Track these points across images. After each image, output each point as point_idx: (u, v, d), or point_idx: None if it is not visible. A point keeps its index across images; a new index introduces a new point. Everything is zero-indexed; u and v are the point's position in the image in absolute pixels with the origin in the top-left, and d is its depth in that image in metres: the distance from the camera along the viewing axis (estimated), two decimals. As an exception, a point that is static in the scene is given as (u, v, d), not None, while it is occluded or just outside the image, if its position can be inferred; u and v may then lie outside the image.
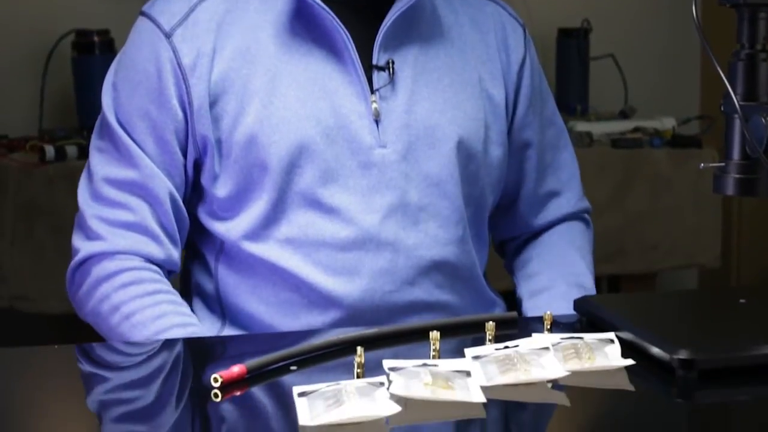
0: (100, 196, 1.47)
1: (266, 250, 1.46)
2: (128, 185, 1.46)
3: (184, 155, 1.47)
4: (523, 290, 1.61)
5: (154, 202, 1.46)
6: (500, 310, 1.59)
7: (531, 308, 1.56)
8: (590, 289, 1.57)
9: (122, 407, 1.16)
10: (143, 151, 1.46)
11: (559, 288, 1.55)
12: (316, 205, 1.44)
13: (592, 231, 1.69)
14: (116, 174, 1.46)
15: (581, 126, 3.15)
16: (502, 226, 1.68)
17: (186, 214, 1.50)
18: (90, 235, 1.47)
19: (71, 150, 2.75)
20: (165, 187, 1.46)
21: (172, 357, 1.32)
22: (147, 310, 1.42)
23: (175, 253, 1.49)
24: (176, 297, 1.46)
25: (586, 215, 1.69)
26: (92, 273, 1.46)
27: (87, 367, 1.29)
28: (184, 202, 1.50)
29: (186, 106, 1.45)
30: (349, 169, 1.44)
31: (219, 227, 1.48)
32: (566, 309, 1.40)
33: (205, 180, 1.47)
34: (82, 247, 1.47)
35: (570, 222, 1.66)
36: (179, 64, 1.44)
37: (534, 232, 1.67)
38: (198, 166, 1.48)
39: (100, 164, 1.48)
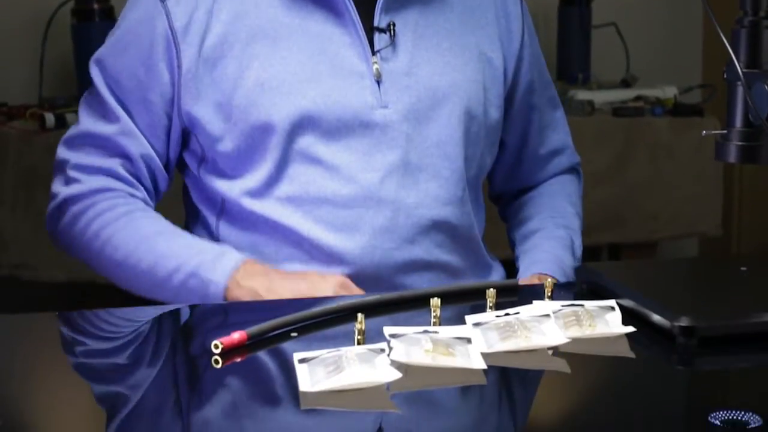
0: (78, 146, 1.51)
1: (267, 207, 1.47)
2: (105, 140, 1.50)
3: (169, 119, 1.48)
4: (516, 234, 1.66)
5: (130, 158, 1.50)
6: (498, 274, 1.62)
7: (523, 251, 1.61)
8: (576, 230, 1.63)
9: (122, 374, 1.16)
10: (126, 111, 1.48)
11: (547, 229, 1.61)
12: (318, 163, 1.45)
13: (582, 181, 1.75)
14: (96, 128, 1.50)
15: (582, 94, 3.14)
16: (503, 184, 1.71)
17: (164, 176, 1.53)
18: (68, 181, 1.52)
19: (71, 117, 2.74)
20: (140, 147, 1.49)
21: (172, 323, 1.33)
22: (125, 230, 1.46)
23: (151, 203, 1.54)
24: (151, 211, 1.50)
25: (578, 167, 1.75)
26: (69, 211, 1.51)
27: (86, 334, 1.29)
28: (175, 163, 1.54)
29: (174, 71, 1.46)
30: (350, 129, 1.45)
31: (221, 185, 1.49)
32: (552, 247, 1.49)
33: (203, 142, 1.48)
34: (61, 191, 1.52)
35: (563, 175, 1.72)
36: (171, 28, 1.45)
37: (531, 186, 1.72)
38: (188, 132, 1.50)
39: (84, 117, 1.52)
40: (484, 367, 1.08)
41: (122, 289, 1.51)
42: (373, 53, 1.47)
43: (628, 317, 1.21)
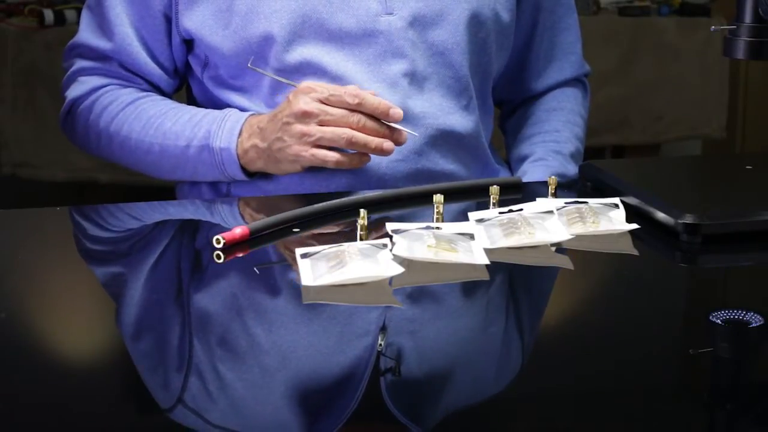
0: (78, 55, 1.53)
1: None
2: (102, 53, 1.50)
3: (168, 21, 1.46)
4: (511, 155, 1.63)
5: (127, 69, 1.50)
6: (505, 179, 1.59)
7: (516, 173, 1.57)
8: (567, 155, 1.57)
9: (124, 267, 1.16)
10: (126, 14, 1.46)
11: (538, 155, 1.56)
12: (322, 74, 1.42)
13: (588, 95, 1.69)
14: (92, 41, 1.50)
15: (588, -7, 3.11)
16: (505, 89, 1.66)
17: (169, 83, 1.52)
18: (72, 84, 1.53)
19: (70, 14, 2.71)
20: (136, 63, 1.49)
21: (174, 217, 1.32)
22: (132, 118, 1.47)
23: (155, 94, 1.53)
24: (154, 95, 1.50)
25: (584, 78, 1.68)
26: (77, 112, 1.52)
27: (87, 229, 1.29)
28: (182, 67, 1.52)
29: None
30: (354, 38, 1.42)
31: (226, 95, 1.47)
32: (542, 174, 1.44)
33: (204, 47, 1.45)
34: (67, 95, 1.54)
35: (566, 88, 1.66)
36: None
37: (531, 96, 1.66)
38: (190, 42, 1.48)
39: (83, 26, 1.52)
40: (487, 262, 1.08)
41: (150, 177, 1.54)
42: None
43: (632, 215, 1.21)
